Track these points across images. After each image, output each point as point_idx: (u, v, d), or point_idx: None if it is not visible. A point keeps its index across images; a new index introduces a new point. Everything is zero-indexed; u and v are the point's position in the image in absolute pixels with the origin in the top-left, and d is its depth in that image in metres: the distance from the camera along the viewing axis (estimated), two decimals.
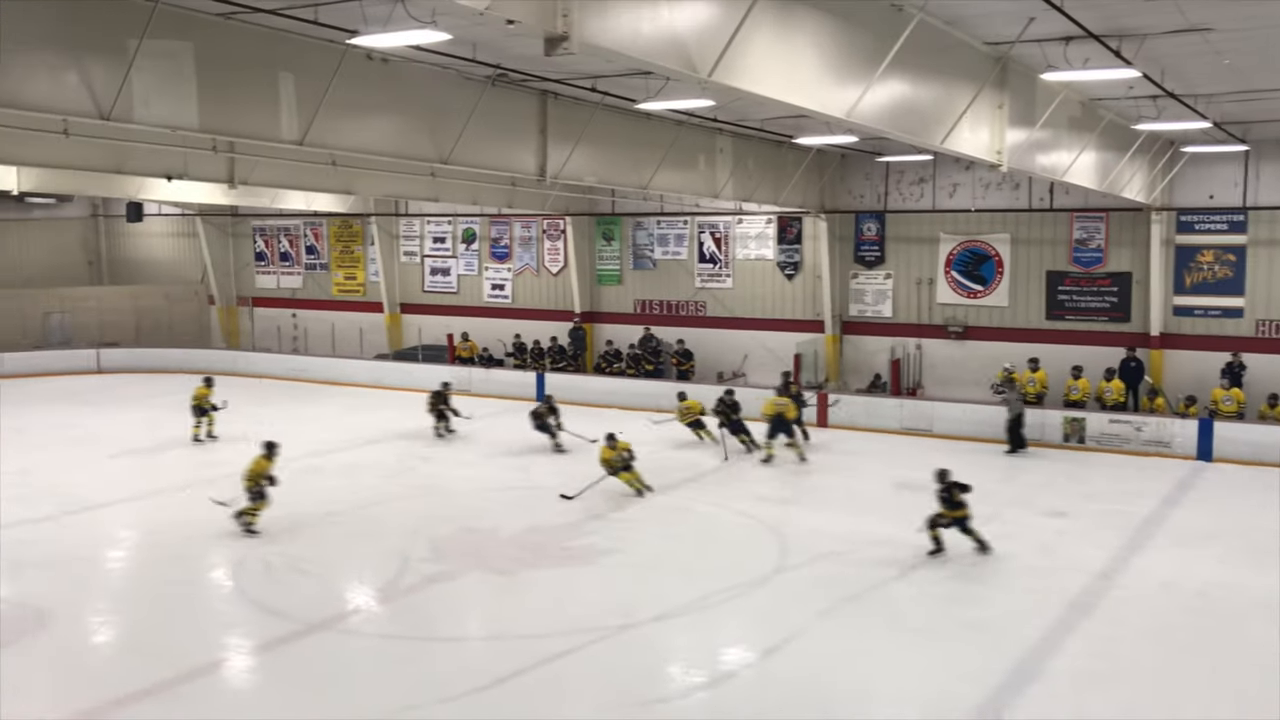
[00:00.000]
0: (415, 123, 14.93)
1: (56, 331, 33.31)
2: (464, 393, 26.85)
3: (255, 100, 12.62)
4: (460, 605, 13.08)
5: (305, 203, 28.82)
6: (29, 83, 10.64)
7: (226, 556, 14.59)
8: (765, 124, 19.75)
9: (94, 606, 13.12)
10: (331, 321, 33.21)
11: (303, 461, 19.49)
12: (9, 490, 17.77)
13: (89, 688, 10.50)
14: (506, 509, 16.67)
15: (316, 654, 11.45)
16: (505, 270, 30.79)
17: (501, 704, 10.10)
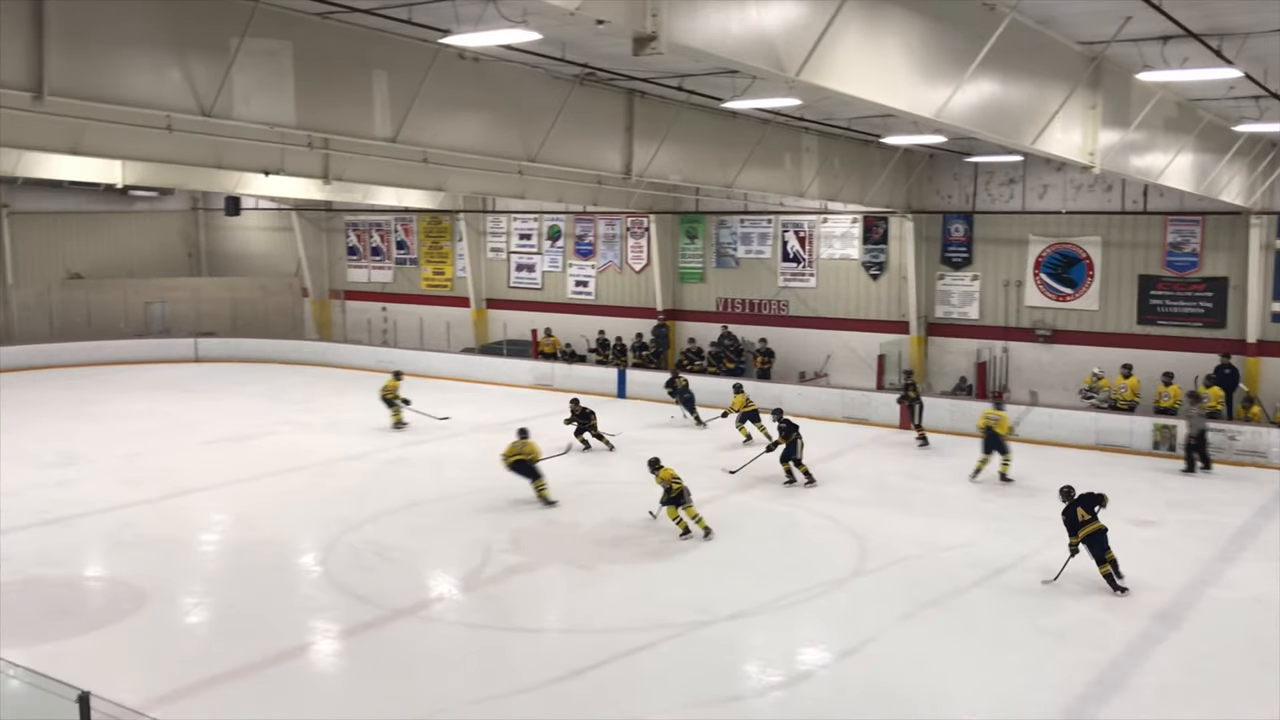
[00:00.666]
0: (504, 121, 15.14)
1: (157, 321, 34.42)
2: (546, 387, 27.17)
3: (350, 98, 12.92)
4: (539, 597, 13.27)
5: (396, 199, 29.37)
6: (135, 80, 11.04)
7: (315, 542, 14.98)
8: (852, 123, 19.63)
9: (189, 587, 13.58)
10: (420, 315, 33.78)
11: (390, 452, 19.93)
12: (113, 474, 18.46)
13: (182, 666, 10.88)
14: (586, 503, 16.83)
15: (400, 640, 11.71)
16: (589, 267, 31.02)
17: (577, 696, 10.24)
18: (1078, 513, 12.83)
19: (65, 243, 34.08)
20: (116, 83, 10.80)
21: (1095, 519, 12.79)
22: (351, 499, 17.01)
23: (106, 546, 14.99)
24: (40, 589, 13.07)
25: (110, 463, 19.27)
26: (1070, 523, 12.89)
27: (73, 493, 17.21)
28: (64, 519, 15.83)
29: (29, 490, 17.32)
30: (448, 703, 10.03)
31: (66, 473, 18.54)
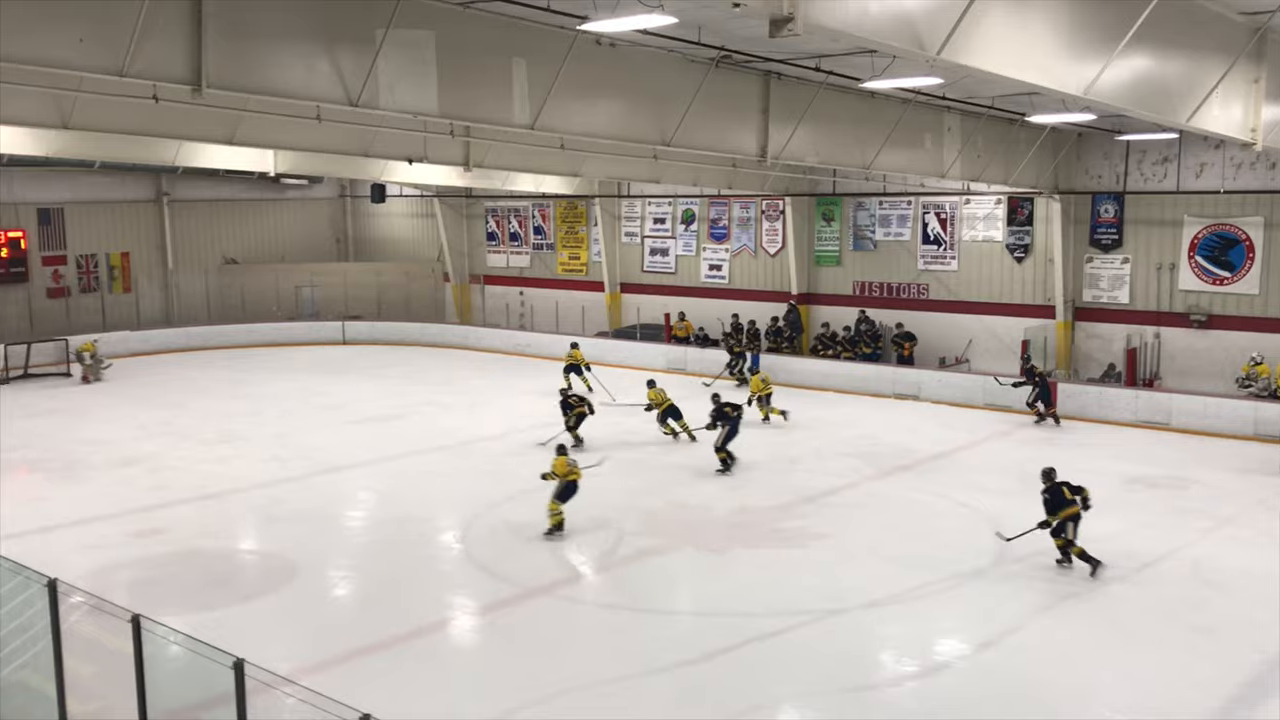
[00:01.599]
0: (640, 105, 15.20)
1: (307, 304, 35.70)
2: (679, 371, 27.24)
3: (490, 86, 13.15)
4: (671, 579, 13.36)
5: (534, 185, 29.77)
6: (286, 72, 11.46)
7: (454, 521, 15.37)
8: (996, 101, 19.07)
9: (335, 561, 14.10)
10: (556, 300, 34.24)
11: (526, 434, 20.27)
12: (266, 451, 19.27)
13: (329, 637, 11.32)
14: (718, 488, 16.84)
15: (536, 618, 11.94)
16: (723, 251, 30.93)
17: (709, 678, 10.28)
18: (1063, 492, 13.09)
19: (221, 229, 35.59)
20: (269, 75, 11.22)
21: (1075, 503, 13.07)
22: (489, 479, 17.38)
23: (259, 521, 15.67)
24: (199, 560, 13.76)
25: (263, 441, 20.11)
26: (1053, 503, 13.09)
27: (228, 469, 18.03)
28: (221, 494, 16.61)
29: (190, 466, 18.22)
30: (581, 680, 10.18)
31: (223, 450, 19.43)
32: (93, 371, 26.57)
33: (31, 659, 7.92)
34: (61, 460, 18.76)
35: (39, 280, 31.44)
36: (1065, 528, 13.08)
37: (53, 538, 14.15)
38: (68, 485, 17.22)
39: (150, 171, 32.87)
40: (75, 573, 11.17)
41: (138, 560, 13.58)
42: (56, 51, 9.84)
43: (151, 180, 33.64)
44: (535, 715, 9.54)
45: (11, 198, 30.70)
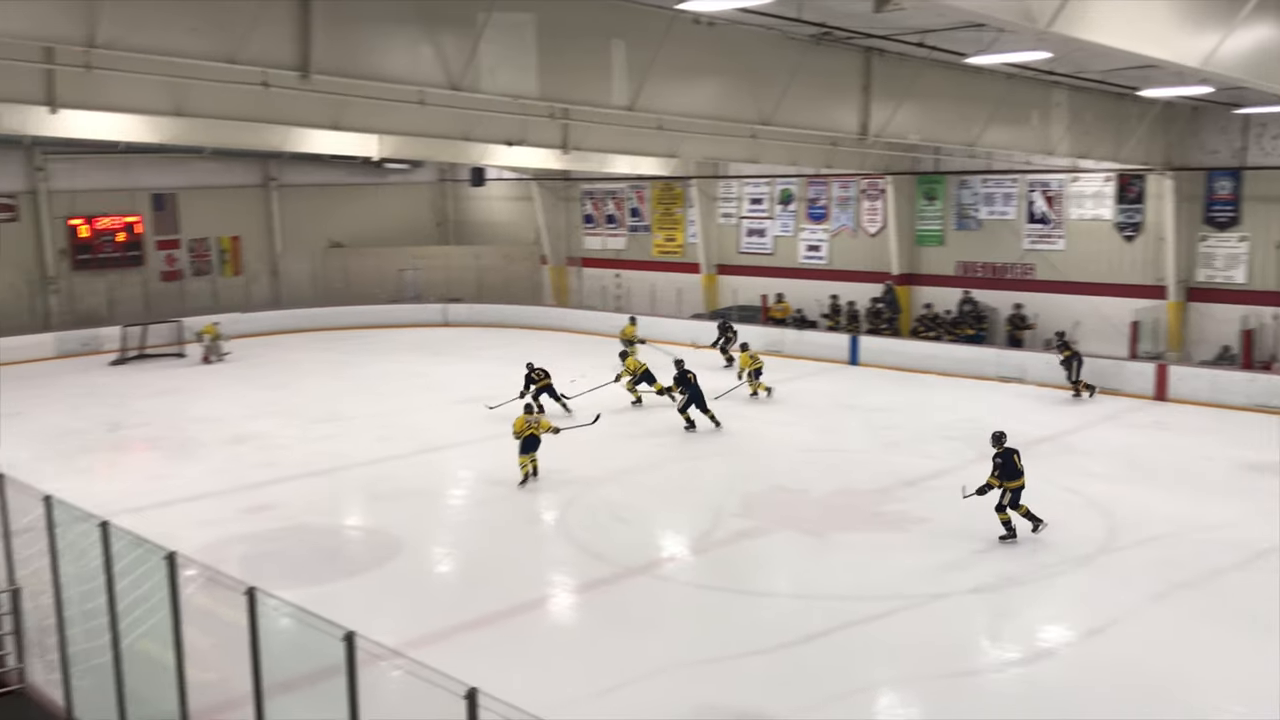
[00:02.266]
0: (738, 84, 15.08)
1: (409, 287, 36.33)
2: (776, 353, 27.06)
3: (589, 68, 13.18)
4: (770, 562, 13.31)
5: (631, 166, 29.79)
6: (390, 57, 11.63)
7: (554, 500, 15.53)
8: (1107, 75, 18.48)
9: (439, 538, 14.38)
10: (651, 281, 34.27)
11: (622, 415, 20.36)
12: (371, 430, 19.69)
13: (432, 612, 11.55)
14: (817, 470, 16.71)
15: (633, 598, 12.02)
16: (821, 231, 30.59)
17: (811, 660, 10.24)
18: (1014, 460, 13.22)
19: (326, 213, 36.35)
20: (374, 60, 11.41)
21: (1022, 475, 13.23)
22: (587, 459, 17.50)
23: (364, 498, 16.04)
24: (307, 535, 14.15)
25: (367, 419, 20.55)
26: (1006, 468, 13.18)
27: (335, 446, 18.48)
28: (327, 471, 17.04)
29: (298, 444, 18.73)
30: (680, 660, 10.22)
31: (328, 428, 19.91)
32: (214, 352, 27.42)
33: (151, 629, 8.21)
34: (177, 438, 19.44)
35: (154, 264, 32.55)
36: (1006, 496, 13.21)
37: (169, 512, 14.66)
38: (183, 462, 17.84)
39: (258, 157, 33.74)
40: (190, 546, 11.55)
41: (249, 535, 14.02)
42: (172, 40, 10.14)
43: (259, 166, 34.52)
44: (634, 693, 9.60)
45: (128, 184, 31.80)
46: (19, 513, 9.43)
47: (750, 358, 22.28)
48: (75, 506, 8.60)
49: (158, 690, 7.79)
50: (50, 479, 12.90)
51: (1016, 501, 13.26)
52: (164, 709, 7.68)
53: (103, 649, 8.40)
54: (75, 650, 8.90)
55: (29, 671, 9.58)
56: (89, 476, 16.66)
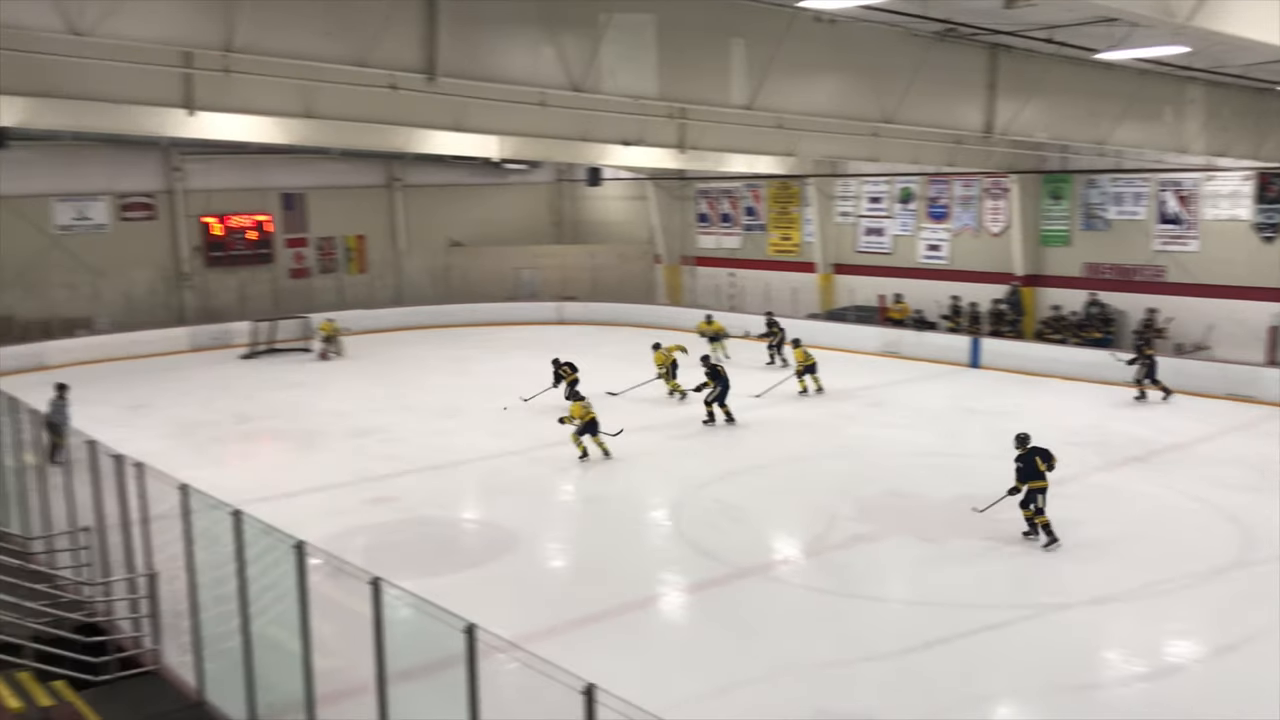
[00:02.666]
0: (859, 82, 14.91)
1: (526, 285, 36.82)
2: (894, 355, 26.65)
3: (708, 67, 13.18)
4: (885, 567, 13.11)
5: (747, 165, 29.66)
6: (513, 59, 11.81)
7: (667, 498, 15.56)
8: (1247, 70, 17.71)
9: (552, 534, 14.54)
10: (766, 281, 34.07)
11: (737, 415, 20.27)
12: (487, 425, 20.02)
13: (546, 607, 11.68)
14: (935, 475, 16.41)
15: (745, 598, 11.97)
16: (942, 230, 30.01)
17: (928, 668, 10.06)
18: (1036, 462, 13.17)
19: (447, 213, 37.04)
20: (498, 62, 11.59)
21: (1045, 476, 13.15)
22: (699, 459, 17.51)
23: (481, 491, 16.32)
24: (427, 527, 14.46)
25: (484, 415, 20.89)
26: (1025, 471, 13.18)
27: (453, 441, 18.84)
28: (446, 465, 17.39)
29: (418, 438, 19.14)
30: (794, 663, 10.15)
31: (447, 423, 20.30)
32: (331, 349, 28.21)
33: (278, 616, 8.48)
34: (304, 430, 20.06)
35: (283, 261, 33.62)
36: (1034, 498, 13.16)
37: (296, 502, 15.13)
38: (309, 454, 18.40)
39: (383, 158, 34.57)
40: (316, 535, 11.84)
41: (371, 526, 14.38)
42: (305, 44, 10.46)
43: (384, 166, 35.37)
44: (747, 695, 9.57)
45: (259, 183, 32.91)
46: (156, 500, 9.82)
47: (804, 354, 22.34)
48: (209, 495, 8.93)
49: (284, 675, 8.03)
50: (184, 468, 13.41)
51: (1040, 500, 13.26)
52: (290, 694, 7.91)
53: (232, 633, 8.69)
54: (206, 634, 9.24)
55: (164, 653, 9.97)
56: (220, 466, 17.29)
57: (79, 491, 11.34)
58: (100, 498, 10.66)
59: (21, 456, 13.39)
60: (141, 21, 9.95)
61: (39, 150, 28.41)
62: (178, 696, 9.35)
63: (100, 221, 30.50)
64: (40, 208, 29.41)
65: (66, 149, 29.01)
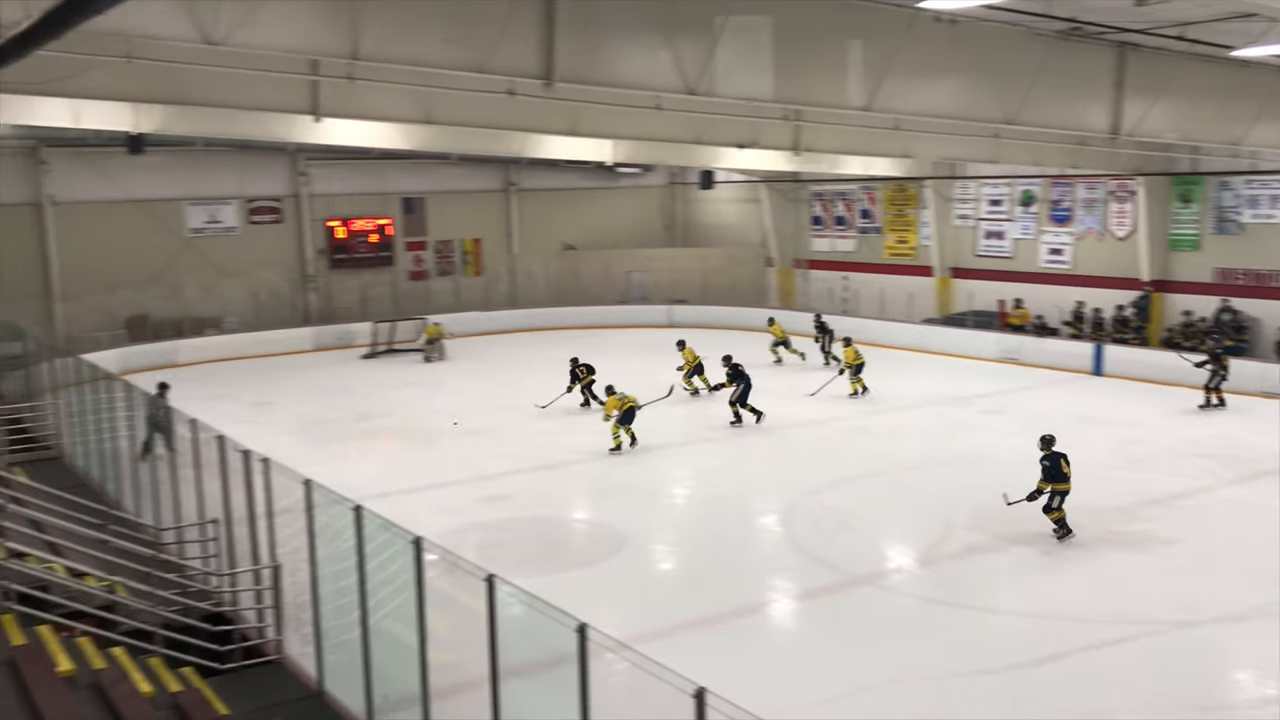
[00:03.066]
0: (980, 83, 14.64)
1: (636, 288, 36.98)
2: (1013, 361, 26.02)
3: (824, 69, 13.09)
4: (1002, 578, 12.82)
5: (862, 167, 29.32)
6: (629, 63, 11.91)
7: (776, 504, 15.46)
8: None
9: (660, 536, 14.57)
10: (881, 285, 33.60)
11: (848, 421, 20.09)
12: (597, 426, 20.14)
13: (655, 609, 11.72)
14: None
15: (857, 607, 11.83)
16: (1065, 234, 29.19)
17: (1044, 684, 9.80)
18: (1061, 464, 13.29)
19: (561, 216, 37.45)
20: (613, 67, 11.70)
21: (1068, 479, 13.28)
22: (811, 464, 17.36)
23: (592, 492, 16.45)
24: (538, 526, 14.63)
25: (594, 416, 21.00)
26: (1052, 471, 13.30)
27: (563, 441, 19.03)
28: (557, 465, 17.57)
29: (529, 438, 19.39)
30: (906, 673, 9.99)
31: (559, 423, 20.51)
32: (436, 352, 28.68)
33: (395, 610, 8.68)
34: (420, 428, 20.48)
35: (402, 264, 34.39)
36: (1054, 500, 13.32)
37: (413, 499, 15.46)
38: (425, 451, 18.79)
39: (500, 163, 35.11)
40: (432, 531, 12.10)
41: (485, 523, 14.61)
42: (426, 51, 10.71)
43: (500, 171, 35.92)
44: (858, 703, 9.45)
45: (381, 188, 33.75)
46: (280, 494, 10.13)
47: (854, 352, 22.46)
48: (331, 490, 9.17)
49: (400, 669, 8.21)
50: (307, 464, 13.77)
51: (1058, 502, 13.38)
52: (406, 687, 8.09)
53: (351, 626, 8.92)
54: (326, 626, 9.50)
55: (286, 643, 10.28)
56: (341, 462, 17.76)
57: (208, 485, 11.77)
58: (228, 491, 11.05)
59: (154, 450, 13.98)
60: (271, 31, 10.31)
61: (173, 156, 29.67)
62: (299, 686, 9.62)
63: (230, 224, 31.63)
64: (174, 211, 30.65)
65: (198, 154, 30.23)
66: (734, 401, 19.94)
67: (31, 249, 28.51)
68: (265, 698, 9.35)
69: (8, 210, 28.09)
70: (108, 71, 11.89)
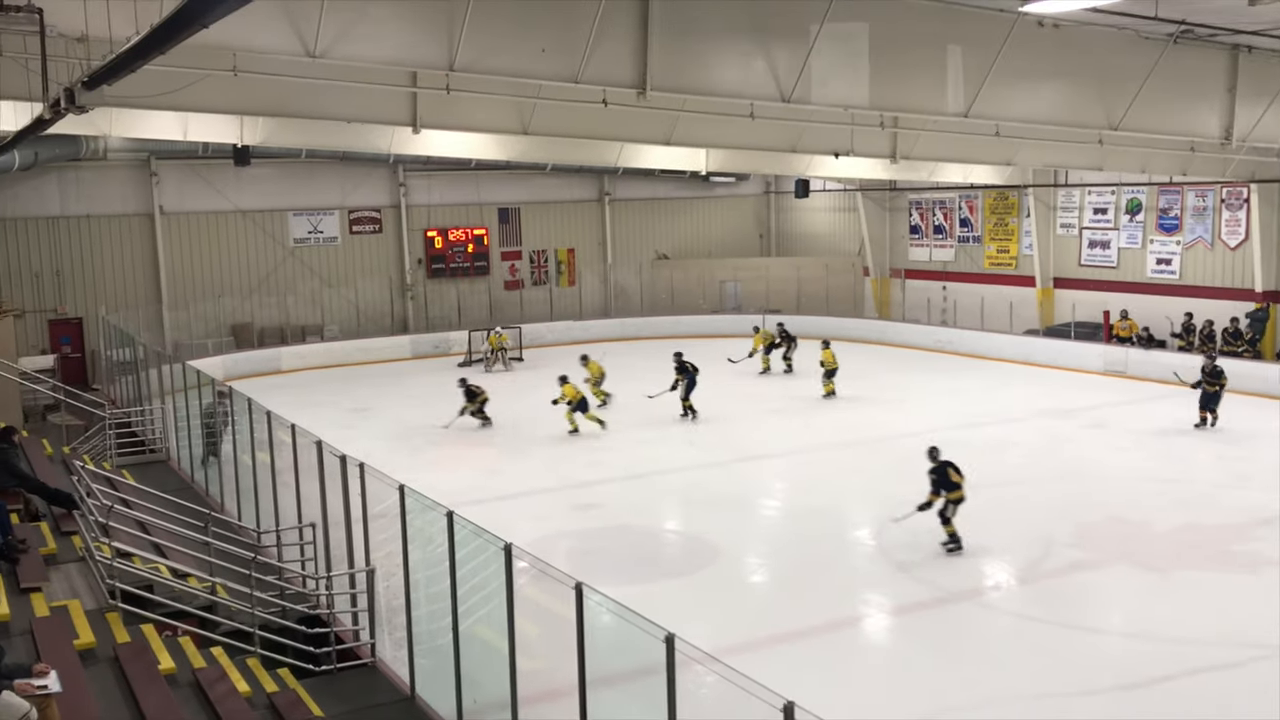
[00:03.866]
0: (1084, 88, 14.26)
1: (730, 298, 36.85)
2: (1118, 374, 25.25)
3: (922, 75, 12.88)
4: (1106, 597, 12.42)
5: (962, 175, 28.83)
6: (723, 72, 11.86)
7: (870, 517, 15.23)
8: None
9: (753, 548, 14.44)
10: (981, 295, 32.92)
11: (945, 434, 19.63)
12: (689, 436, 20.13)
13: (745, 621, 11.61)
14: (1160, 501, 15.43)
15: (954, 624, 11.57)
16: (1173, 243, 28.28)
17: (1151, 707, 9.47)
18: (949, 473, 13.38)
19: (654, 226, 37.54)
20: (708, 75, 11.67)
21: (961, 486, 13.32)
22: (904, 478, 16.99)
23: (682, 502, 16.39)
24: (629, 535, 14.62)
25: (686, 426, 20.98)
26: (940, 482, 13.37)
27: (655, 451, 19.01)
28: (648, 474, 17.55)
29: (621, 447, 19.40)
30: (1005, 693, 9.73)
31: (651, 433, 20.49)
32: (500, 361, 28.79)
33: (486, 615, 8.74)
34: (512, 437, 20.64)
35: (498, 273, 34.79)
36: (949, 509, 13.36)
37: (504, 506, 15.58)
38: (517, 459, 18.93)
39: (594, 173, 35.33)
40: (522, 539, 12.19)
41: (575, 531, 14.66)
42: (522, 62, 10.80)
43: (595, 181, 36.15)
44: None
45: (478, 199, 34.21)
46: (375, 499, 10.29)
47: (832, 355, 23.39)
48: (424, 495, 9.27)
49: (490, 674, 8.26)
50: (401, 469, 14.00)
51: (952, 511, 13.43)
52: (496, 693, 8.12)
53: (443, 631, 9.00)
54: (419, 630, 9.60)
55: (379, 647, 10.42)
56: (434, 469, 17.98)
57: (306, 488, 12.00)
58: (325, 495, 11.25)
59: (254, 455, 14.32)
60: (372, 44, 10.50)
61: (277, 167, 30.52)
62: (391, 689, 9.74)
63: (332, 234, 32.34)
64: (278, 222, 31.46)
65: (302, 166, 31.02)
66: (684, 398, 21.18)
67: (143, 258, 29.54)
68: (359, 700, 9.48)
69: (121, 220, 29.17)
70: (215, 85, 12.21)
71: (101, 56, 8.63)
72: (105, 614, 9.59)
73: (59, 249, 28.45)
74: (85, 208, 28.75)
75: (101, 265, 28.99)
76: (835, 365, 23.18)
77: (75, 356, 28.13)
